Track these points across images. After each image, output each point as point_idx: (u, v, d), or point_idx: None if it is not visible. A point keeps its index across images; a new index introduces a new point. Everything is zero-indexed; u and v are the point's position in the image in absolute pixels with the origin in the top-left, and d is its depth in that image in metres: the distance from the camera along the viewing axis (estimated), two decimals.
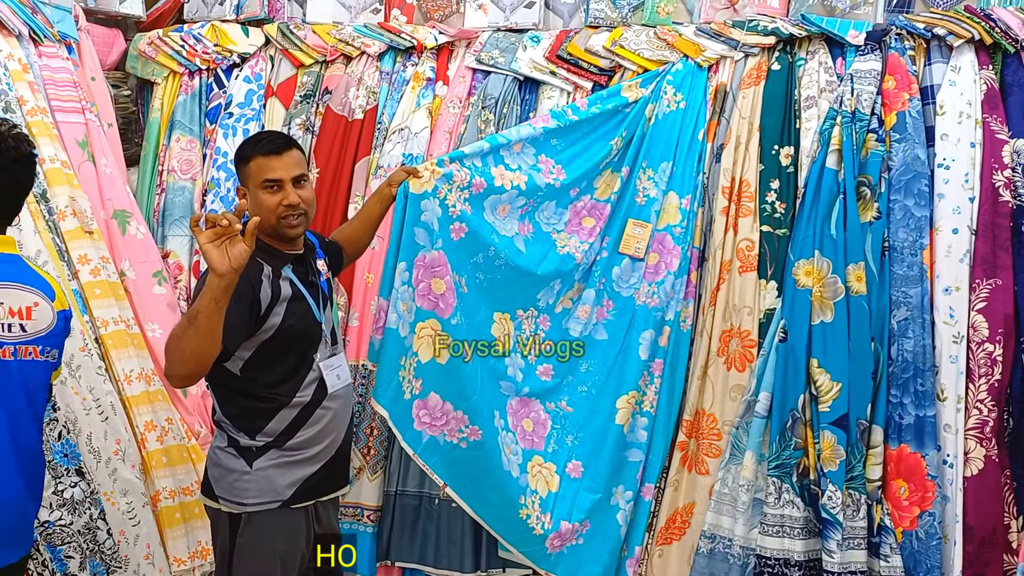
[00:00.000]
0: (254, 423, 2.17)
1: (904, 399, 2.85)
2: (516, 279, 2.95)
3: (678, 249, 3.07)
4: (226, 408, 2.21)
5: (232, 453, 2.19)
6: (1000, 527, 2.77)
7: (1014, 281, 2.87)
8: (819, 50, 3.19)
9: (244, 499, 2.16)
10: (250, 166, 2.22)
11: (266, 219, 2.17)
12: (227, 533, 2.19)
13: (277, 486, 2.17)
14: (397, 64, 3.55)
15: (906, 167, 2.97)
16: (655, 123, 3.13)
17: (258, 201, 2.19)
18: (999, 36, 3.04)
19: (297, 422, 2.20)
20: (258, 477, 2.16)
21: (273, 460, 2.17)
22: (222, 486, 2.19)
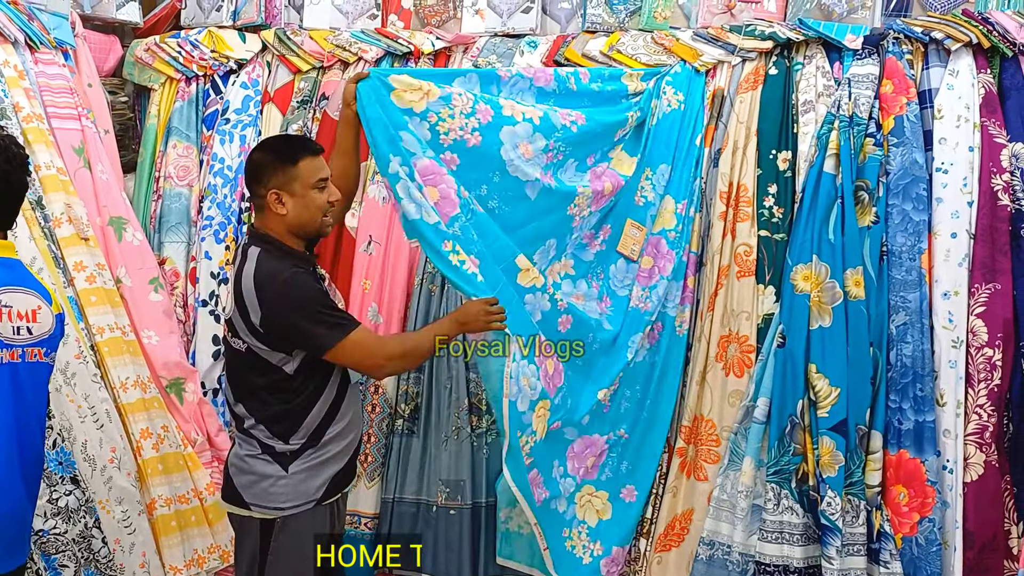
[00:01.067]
0: (291, 425, 2.19)
1: (903, 404, 2.83)
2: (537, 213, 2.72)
3: (672, 254, 3.05)
4: (262, 413, 2.20)
5: (266, 459, 2.19)
6: (1000, 533, 2.76)
7: (1013, 285, 2.86)
8: (816, 54, 3.19)
9: (280, 503, 2.17)
10: (299, 167, 2.19)
11: (314, 218, 2.22)
12: (258, 539, 2.20)
13: (311, 488, 2.20)
14: None
15: (904, 171, 2.96)
16: (657, 123, 3.11)
17: (309, 200, 2.19)
18: (997, 40, 3.03)
19: (328, 417, 2.23)
20: (294, 481, 2.18)
21: (308, 462, 2.20)
22: (254, 493, 2.19)
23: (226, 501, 2.27)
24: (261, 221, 2.25)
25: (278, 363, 2.16)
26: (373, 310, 3.25)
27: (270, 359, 2.16)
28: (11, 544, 2.01)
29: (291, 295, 2.11)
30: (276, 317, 2.11)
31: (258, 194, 2.22)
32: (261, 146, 2.35)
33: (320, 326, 2.12)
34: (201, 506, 3.07)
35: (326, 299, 2.21)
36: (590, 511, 2.95)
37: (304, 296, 2.13)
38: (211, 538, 3.06)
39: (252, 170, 2.24)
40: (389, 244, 3.29)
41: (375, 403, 3.19)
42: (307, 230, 2.24)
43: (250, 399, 2.21)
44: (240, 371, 2.23)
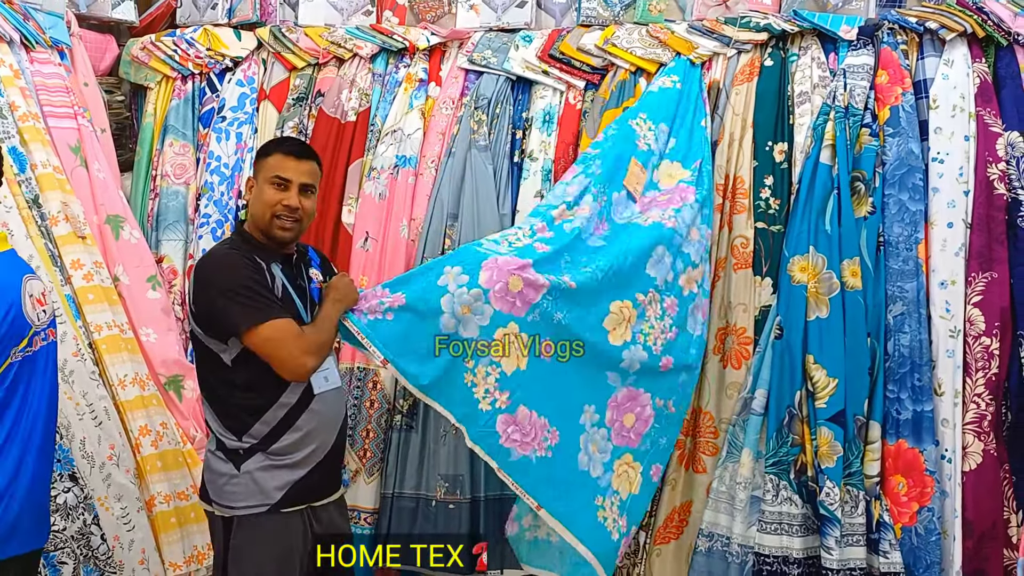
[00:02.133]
0: (242, 422, 2.16)
1: (901, 394, 2.83)
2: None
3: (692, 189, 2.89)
4: (215, 405, 2.21)
5: (220, 456, 2.19)
6: (1000, 521, 2.75)
7: (1010, 274, 2.86)
8: (812, 46, 3.19)
9: (233, 503, 2.16)
10: (267, 160, 2.26)
11: (262, 213, 2.22)
12: (222, 537, 2.19)
13: (265, 489, 2.15)
14: (389, 66, 3.54)
15: (900, 161, 2.96)
16: (648, 91, 3.10)
17: (261, 193, 2.23)
18: (991, 29, 3.03)
19: (283, 425, 2.17)
20: (245, 480, 2.14)
21: (259, 463, 2.16)
22: (214, 490, 2.20)
23: (200, 497, 2.31)
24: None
25: (216, 351, 2.16)
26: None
27: (208, 344, 2.17)
28: (40, 516, 2.06)
29: (217, 274, 2.14)
30: (200, 293, 2.15)
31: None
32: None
33: (236, 306, 2.08)
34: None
35: (255, 284, 2.12)
36: (624, 482, 2.62)
37: (228, 276, 2.12)
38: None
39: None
40: (386, 240, 3.29)
41: (373, 399, 3.18)
42: (259, 224, 2.24)
43: (204, 386, 2.25)
44: (196, 358, 2.27)
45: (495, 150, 3.30)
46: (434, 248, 3.23)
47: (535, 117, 3.35)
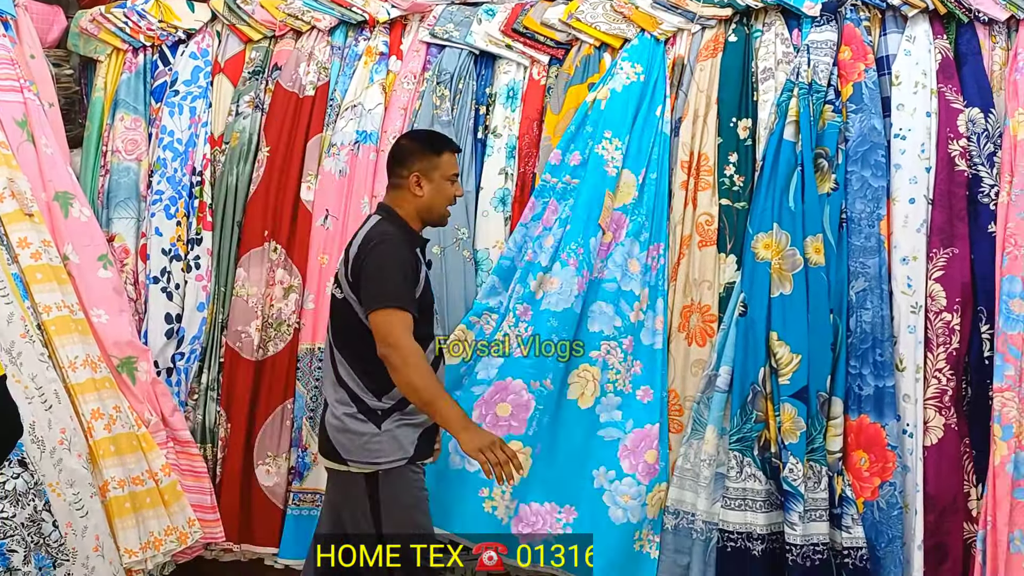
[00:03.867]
0: (384, 385, 2.34)
1: (863, 370, 2.84)
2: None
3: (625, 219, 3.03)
4: (359, 369, 2.38)
5: (361, 418, 2.36)
6: (960, 495, 2.78)
7: (970, 250, 2.88)
8: (775, 21, 3.17)
9: (378, 458, 2.35)
10: (443, 159, 2.49)
11: (441, 205, 2.50)
12: (364, 491, 2.37)
13: (403, 444, 2.37)
14: (349, 39, 3.46)
15: (863, 138, 2.96)
16: (611, 97, 3.08)
17: (441, 189, 2.48)
18: (953, 6, 3.04)
19: None
20: (387, 437, 2.35)
21: (395, 422, 2.37)
22: (354, 448, 2.37)
23: (325, 457, 2.47)
24: (393, 198, 2.50)
25: (363, 318, 2.34)
26: (332, 285, 3.17)
27: (359, 312, 2.36)
28: None
29: (379, 247, 2.33)
30: (360, 260, 2.34)
31: (399, 175, 2.48)
32: (410, 135, 2.69)
33: (377, 284, 2.30)
34: (157, 487, 2.99)
35: (405, 270, 2.33)
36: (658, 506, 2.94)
37: (387, 253, 2.33)
38: (167, 520, 2.98)
39: (400, 153, 2.52)
40: (347, 218, 3.22)
41: None
42: (432, 215, 2.50)
43: (347, 352, 2.41)
44: (338, 321, 2.45)
45: (458, 126, 3.24)
46: None
47: (499, 92, 3.30)
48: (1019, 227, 2.82)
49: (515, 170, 3.22)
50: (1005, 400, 2.74)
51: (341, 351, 2.42)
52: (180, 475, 3.08)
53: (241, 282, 3.26)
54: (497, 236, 3.16)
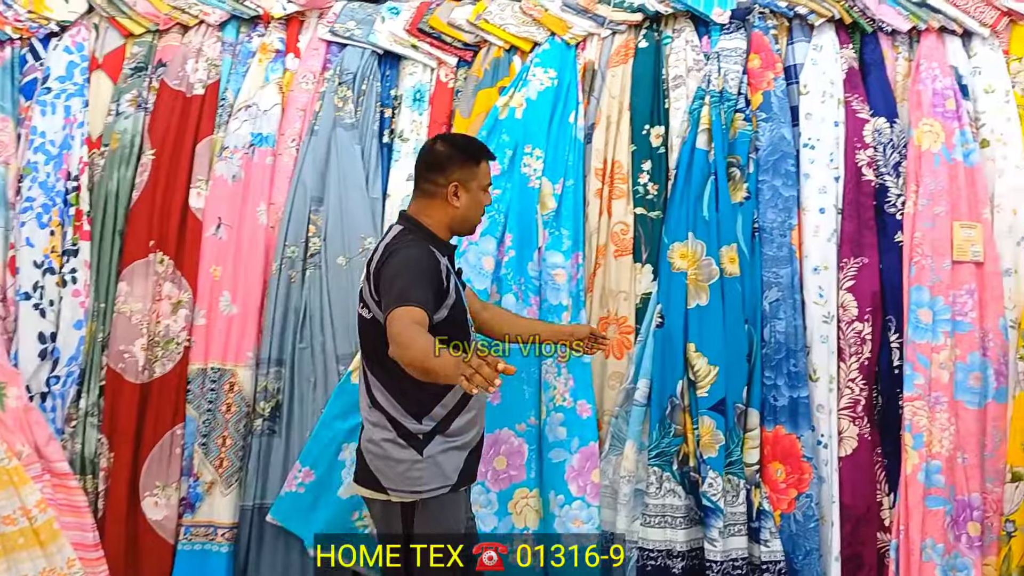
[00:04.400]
0: (423, 405, 2.19)
1: (778, 381, 2.82)
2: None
3: (545, 233, 2.93)
4: (394, 386, 2.19)
5: (401, 444, 2.19)
6: (874, 505, 2.79)
7: (879, 259, 2.90)
8: (685, 28, 3.13)
9: (419, 487, 2.18)
10: (481, 168, 2.33)
11: (476, 215, 2.34)
12: (400, 521, 2.20)
13: (446, 471, 2.21)
14: (241, 34, 3.24)
15: (773, 147, 2.94)
16: (528, 106, 2.98)
17: (477, 199, 2.32)
18: (857, 15, 3.07)
19: (459, 406, 2.23)
20: (429, 464, 2.18)
21: (439, 447, 2.20)
22: (391, 477, 2.19)
23: (360, 485, 2.27)
24: (421, 207, 2.29)
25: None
26: (226, 299, 2.95)
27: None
28: None
29: (396, 255, 2.15)
30: (380, 273, 2.15)
31: (436, 183, 2.28)
32: (446, 140, 2.41)
33: (390, 292, 2.08)
34: (31, 526, 2.70)
35: (422, 269, 2.13)
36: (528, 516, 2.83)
37: (403, 258, 2.14)
38: (44, 561, 2.70)
39: (436, 160, 2.30)
40: (242, 226, 3.00)
41: (230, 402, 2.90)
42: (466, 226, 2.34)
43: (379, 373, 2.22)
44: (368, 341, 2.23)
45: (362, 129, 3.08)
46: (297, 235, 2.98)
47: (405, 95, 3.15)
48: (925, 237, 2.86)
49: None
50: (915, 409, 2.77)
51: (374, 372, 2.24)
52: (57, 511, 2.79)
53: (124, 297, 2.99)
54: None
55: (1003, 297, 2.84)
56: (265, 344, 2.93)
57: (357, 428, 2.74)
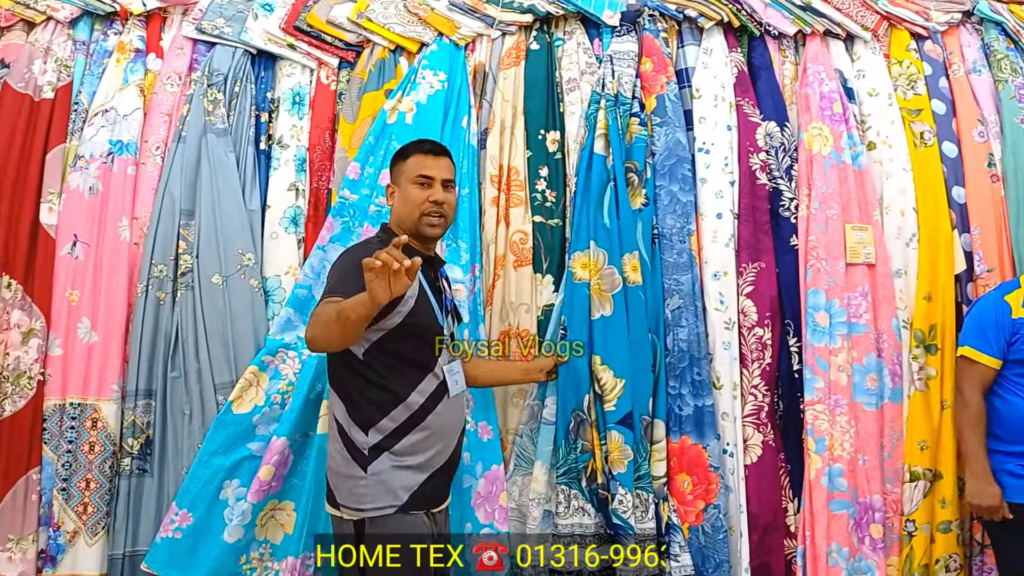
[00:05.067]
0: (370, 417, 2.12)
1: (682, 390, 2.76)
2: None
3: (443, 245, 2.77)
4: (345, 399, 2.15)
5: (347, 457, 2.13)
6: (780, 512, 2.76)
7: (776, 263, 2.88)
8: (576, 30, 3.05)
9: (363, 504, 2.11)
10: (408, 162, 2.28)
11: (410, 213, 2.24)
12: (354, 540, 2.12)
13: (393, 488, 2.12)
14: (96, 32, 2.95)
15: (669, 152, 2.89)
16: (418, 111, 2.81)
17: (407, 195, 2.25)
18: (745, 19, 3.07)
19: (410, 423, 2.14)
20: (373, 481, 2.11)
21: (385, 464, 2.12)
22: (342, 493, 2.14)
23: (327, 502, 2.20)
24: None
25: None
26: (85, 326, 2.65)
27: None
28: None
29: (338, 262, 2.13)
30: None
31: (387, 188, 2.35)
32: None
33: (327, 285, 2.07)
34: None
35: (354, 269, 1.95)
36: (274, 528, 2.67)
37: (342, 257, 2.14)
38: None
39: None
40: (101, 244, 2.71)
41: (93, 440, 2.60)
42: (406, 225, 2.24)
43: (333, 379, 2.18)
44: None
45: (236, 135, 2.84)
46: (165, 252, 2.71)
47: (282, 98, 2.92)
48: (819, 240, 2.86)
49: (307, 185, 2.85)
50: (816, 413, 2.76)
51: (333, 383, 2.19)
52: None
53: None
54: (290, 261, 2.76)
55: (895, 298, 2.87)
56: (132, 374, 2.65)
57: (239, 464, 2.55)
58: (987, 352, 2.57)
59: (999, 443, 2.56)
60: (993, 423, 2.57)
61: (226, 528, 2.52)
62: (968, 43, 3.20)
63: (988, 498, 2.52)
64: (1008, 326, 2.56)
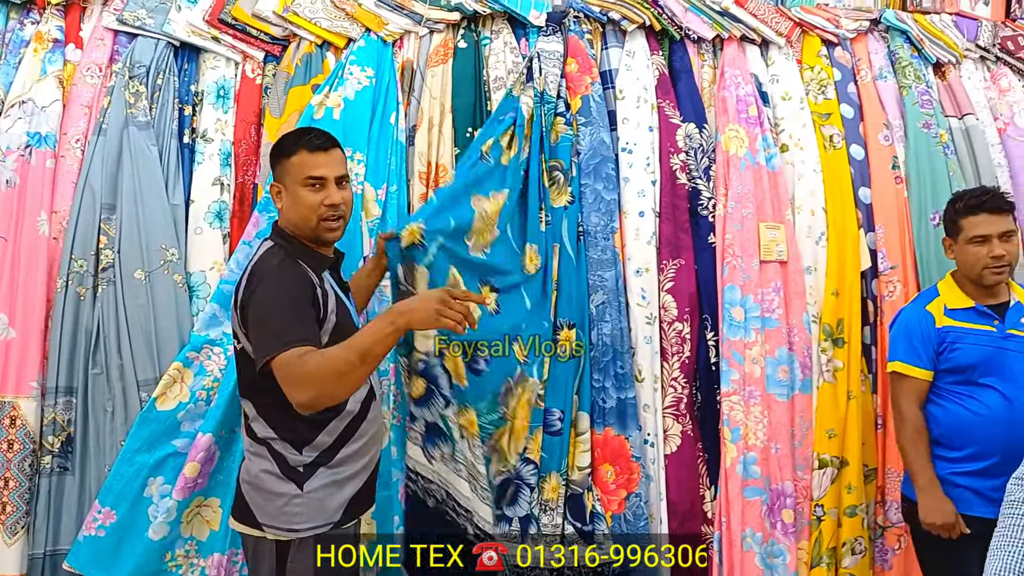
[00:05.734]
0: (303, 435, 2.02)
1: (606, 383, 2.84)
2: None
3: (371, 241, 2.80)
4: (272, 419, 2.03)
5: (279, 475, 2.02)
6: (697, 499, 2.87)
7: (695, 260, 2.99)
8: (503, 29, 3.10)
9: (296, 524, 2.01)
10: (292, 161, 2.10)
11: (305, 218, 2.09)
12: (274, 562, 2.03)
13: (328, 508, 2.04)
14: (11, 21, 2.87)
15: (593, 151, 2.96)
16: (346, 106, 2.82)
17: (298, 198, 2.08)
18: (666, 22, 3.16)
19: (345, 434, 2.07)
20: (309, 500, 2.02)
21: (323, 480, 2.04)
22: (268, 512, 2.02)
23: (237, 520, 2.09)
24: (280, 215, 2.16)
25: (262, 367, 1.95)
26: (3, 323, 2.59)
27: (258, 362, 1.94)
28: None
29: (266, 284, 1.95)
30: (241, 317, 1.98)
31: (271, 187, 2.17)
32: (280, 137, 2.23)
33: (269, 328, 1.90)
34: None
35: (299, 304, 1.95)
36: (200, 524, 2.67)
37: (277, 291, 1.94)
38: None
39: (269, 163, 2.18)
40: (19, 238, 2.65)
41: (12, 439, 2.55)
42: (301, 230, 2.10)
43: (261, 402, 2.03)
44: (241, 372, 2.07)
45: (159, 128, 2.80)
46: (85, 247, 2.67)
47: (206, 91, 2.90)
48: (736, 238, 2.98)
49: (232, 180, 2.83)
50: (732, 404, 2.88)
51: (252, 402, 2.05)
52: None
53: None
54: (215, 256, 2.75)
55: (805, 293, 3.01)
56: (52, 371, 2.61)
57: (163, 461, 2.53)
58: (918, 364, 2.56)
59: (944, 450, 2.52)
60: (934, 432, 2.54)
61: (151, 526, 2.51)
62: (875, 50, 3.35)
63: (942, 516, 2.44)
64: (934, 336, 2.55)
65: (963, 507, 2.46)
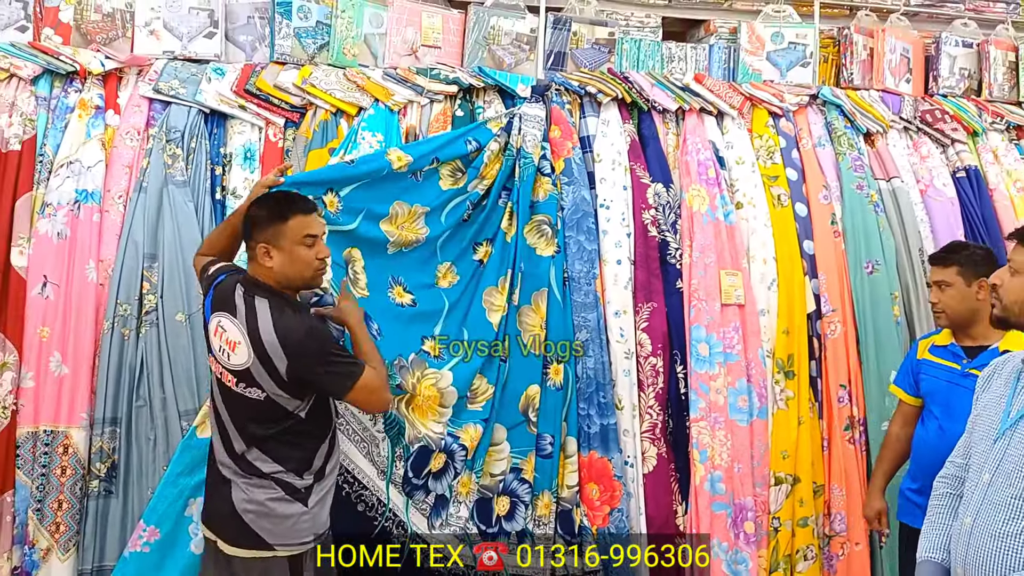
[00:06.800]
0: (303, 463, 2.38)
1: (590, 411, 3.21)
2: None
3: None
4: (281, 452, 2.36)
5: (287, 499, 2.34)
6: (671, 514, 3.25)
7: (665, 303, 3.40)
8: (495, 100, 3.51)
9: (304, 538, 2.36)
10: (289, 224, 2.39)
11: (301, 272, 2.42)
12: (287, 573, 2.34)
13: (321, 519, 2.42)
14: (56, 89, 3.17)
15: (575, 207, 3.36)
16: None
17: (296, 256, 2.39)
18: (636, 96, 3.59)
19: (329, 449, 2.45)
20: (313, 514, 2.38)
21: (318, 495, 2.40)
22: (278, 533, 2.33)
23: (244, 548, 2.34)
24: (253, 270, 2.43)
25: (294, 410, 2.36)
26: (56, 360, 2.87)
27: (287, 406, 2.35)
28: None
29: (314, 346, 2.31)
30: (301, 367, 2.30)
31: (249, 246, 2.44)
32: (258, 201, 2.50)
33: (337, 375, 2.34)
34: None
35: (337, 344, 2.48)
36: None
37: (324, 346, 2.35)
38: None
39: (246, 224, 2.45)
40: (70, 285, 2.94)
41: (65, 465, 2.82)
42: (293, 283, 2.43)
43: (264, 444, 2.36)
44: (253, 418, 2.36)
45: (194, 186, 3.13)
46: (129, 292, 2.97)
47: (235, 153, 3.24)
48: (700, 284, 3.39)
49: None
50: (700, 429, 3.28)
51: (260, 446, 2.36)
52: None
53: None
54: None
55: (760, 332, 3.41)
56: (99, 403, 2.88)
57: (203, 483, 2.82)
58: (904, 389, 3.02)
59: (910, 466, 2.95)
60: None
61: (192, 541, 2.79)
62: (814, 121, 3.82)
63: (867, 510, 3.07)
64: (915, 365, 2.96)
65: (910, 518, 2.86)
